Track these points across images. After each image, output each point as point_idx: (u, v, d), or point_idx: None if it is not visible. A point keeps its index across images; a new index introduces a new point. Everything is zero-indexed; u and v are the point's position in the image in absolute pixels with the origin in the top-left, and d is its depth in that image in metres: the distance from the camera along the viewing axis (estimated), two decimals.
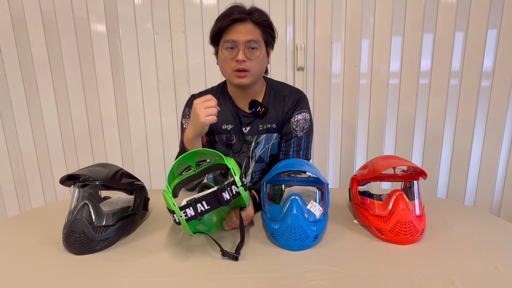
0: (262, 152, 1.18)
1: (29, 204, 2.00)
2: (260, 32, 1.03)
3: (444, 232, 0.89)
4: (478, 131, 1.79)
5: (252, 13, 1.01)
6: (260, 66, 1.05)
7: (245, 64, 1.01)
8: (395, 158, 0.94)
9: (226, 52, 1.02)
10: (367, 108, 1.82)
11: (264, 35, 1.04)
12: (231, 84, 1.12)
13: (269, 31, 1.05)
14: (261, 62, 1.05)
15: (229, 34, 1.01)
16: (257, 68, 1.04)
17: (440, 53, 1.71)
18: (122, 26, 1.75)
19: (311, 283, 0.68)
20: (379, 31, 1.72)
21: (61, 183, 0.87)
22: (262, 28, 1.03)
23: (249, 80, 1.05)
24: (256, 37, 1.02)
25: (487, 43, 1.67)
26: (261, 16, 1.02)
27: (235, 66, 1.02)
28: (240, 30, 1.00)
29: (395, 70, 1.76)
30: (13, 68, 1.80)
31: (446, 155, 1.84)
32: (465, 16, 1.66)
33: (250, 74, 1.04)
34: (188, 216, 0.74)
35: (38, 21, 1.75)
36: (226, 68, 1.05)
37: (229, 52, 1.02)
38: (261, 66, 1.06)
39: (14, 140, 1.90)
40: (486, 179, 1.85)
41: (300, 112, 1.14)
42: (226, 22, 1.00)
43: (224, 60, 1.04)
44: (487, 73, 1.71)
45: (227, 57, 1.02)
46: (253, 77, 1.05)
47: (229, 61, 1.03)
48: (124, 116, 1.86)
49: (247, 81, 1.05)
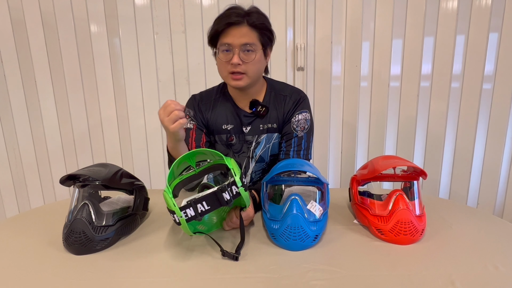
0: (262, 152, 1.18)
1: (28, 205, 2.00)
2: (256, 35, 1.03)
3: (444, 232, 0.89)
4: (480, 133, 1.78)
5: (249, 15, 1.01)
6: (257, 68, 1.06)
7: (241, 67, 1.02)
8: (395, 158, 0.94)
9: (222, 55, 1.03)
10: (367, 109, 1.82)
11: (261, 37, 1.04)
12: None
13: (266, 33, 1.05)
14: (258, 65, 1.06)
15: (225, 37, 1.01)
16: (253, 70, 1.04)
17: (441, 57, 1.70)
18: (122, 26, 1.75)
19: (311, 283, 0.68)
20: (379, 34, 1.71)
21: (61, 183, 0.87)
22: (259, 30, 1.03)
23: (245, 82, 1.05)
24: (252, 40, 1.01)
25: (489, 46, 1.67)
26: (258, 19, 1.02)
27: (231, 69, 1.03)
28: (235, 33, 1.00)
29: (396, 73, 1.75)
30: (12, 68, 1.80)
31: (448, 157, 1.84)
32: (466, 20, 1.65)
33: (246, 76, 1.04)
34: (188, 216, 0.74)
35: (37, 22, 1.75)
36: (222, 70, 1.06)
37: (225, 55, 1.03)
38: (258, 68, 1.06)
39: (13, 140, 1.90)
40: (489, 180, 1.84)
41: (301, 112, 1.14)
42: (222, 26, 1.00)
43: (220, 63, 1.05)
44: (489, 76, 1.71)
45: (223, 60, 1.03)
46: (250, 79, 1.05)
47: (225, 64, 1.04)
48: (124, 116, 1.86)
49: (243, 84, 1.05)
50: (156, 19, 1.74)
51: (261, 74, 1.13)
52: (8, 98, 1.84)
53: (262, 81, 1.16)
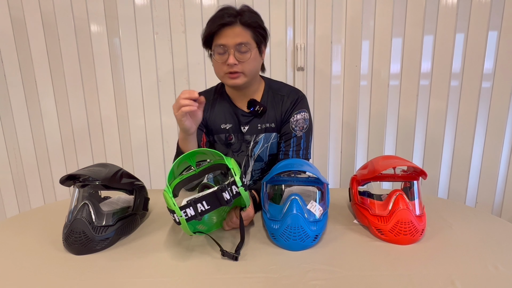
0: (261, 151, 1.18)
1: (28, 205, 2.00)
2: (250, 33, 1.03)
3: (444, 232, 0.89)
4: (479, 132, 1.78)
5: (241, 14, 1.01)
6: (253, 66, 1.06)
7: (237, 67, 1.02)
8: (395, 158, 0.94)
9: (218, 56, 1.04)
10: (367, 108, 1.82)
11: (255, 35, 1.04)
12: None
13: (259, 31, 1.05)
14: (254, 62, 1.06)
15: (219, 38, 1.01)
16: (249, 68, 1.05)
17: (441, 55, 1.70)
18: (122, 26, 1.75)
19: (311, 283, 0.68)
20: (379, 33, 1.71)
21: (61, 183, 0.87)
22: (252, 29, 1.03)
23: (242, 80, 1.06)
24: (246, 39, 1.02)
25: (488, 45, 1.67)
26: (250, 17, 1.02)
27: (227, 69, 1.03)
28: (228, 34, 1.00)
29: (396, 72, 1.75)
30: (12, 68, 1.80)
31: (447, 156, 1.84)
32: (466, 18, 1.65)
33: (243, 75, 1.05)
34: (188, 216, 0.74)
35: (37, 22, 1.75)
36: (219, 71, 1.07)
37: (220, 56, 1.03)
38: (254, 66, 1.06)
39: (13, 140, 1.90)
40: (487, 179, 1.84)
41: (299, 111, 1.14)
42: (215, 27, 1.00)
43: (216, 64, 1.06)
44: (488, 74, 1.71)
45: (219, 61, 1.04)
46: (247, 77, 1.06)
47: (221, 65, 1.04)
48: (124, 116, 1.86)
49: (241, 82, 1.06)
50: (156, 19, 1.74)
51: (258, 72, 1.13)
52: (8, 98, 1.84)
53: (259, 80, 1.16)
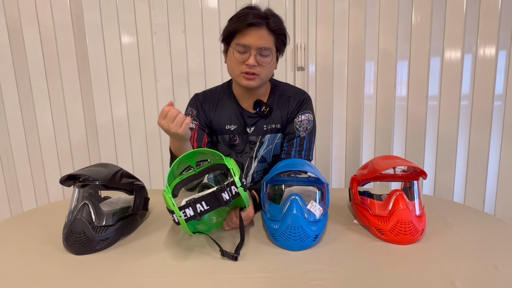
0: (265, 152, 1.18)
1: (20, 209, 1.96)
2: (273, 39, 1.04)
3: (444, 232, 0.89)
4: (494, 135, 1.71)
5: (268, 18, 1.01)
6: (270, 71, 1.08)
7: (255, 68, 1.02)
8: (395, 158, 0.94)
9: (238, 55, 1.03)
10: (373, 108, 1.79)
11: (277, 42, 1.05)
12: (237, 84, 1.12)
13: (282, 38, 1.06)
14: (271, 68, 1.08)
15: (243, 37, 1.01)
16: (266, 73, 1.06)
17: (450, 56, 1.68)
18: (121, 26, 1.74)
19: (311, 283, 0.68)
20: (383, 32, 1.70)
21: (61, 183, 0.88)
22: (276, 35, 1.04)
23: (257, 83, 1.06)
24: (269, 44, 1.02)
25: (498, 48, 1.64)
26: (276, 24, 1.03)
27: (245, 69, 1.03)
28: (254, 35, 1.00)
29: (403, 73, 1.73)
30: (7, 70, 1.78)
31: (461, 159, 1.76)
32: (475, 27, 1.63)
33: (259, 78, 1.05)
34: (187, 216, 0.74)
35: (34, 24, 1.74)
36: (235, 69, 1.06)
37: (240, 55, 1.02)
38: (270, 71, 1.08)
39: (6, 143, 1.87)
40: (506, 186, 1.77)
41: (304, 112, 1.14)
42: (242, 26, 1.00)
43: (234, 62, 1.04)
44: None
45: (238, 60, 1.03)
46: (261, 80, 1.07)
47: (239, 63, 1.03)
48: (123, 116, 1.85)
49: (255, 84, 1.06)
50: (155, 19, 1.74)
51: (270, 77, 1.14)
52: (1, 101, 1.82)
53: (267, 82, 1.17)
